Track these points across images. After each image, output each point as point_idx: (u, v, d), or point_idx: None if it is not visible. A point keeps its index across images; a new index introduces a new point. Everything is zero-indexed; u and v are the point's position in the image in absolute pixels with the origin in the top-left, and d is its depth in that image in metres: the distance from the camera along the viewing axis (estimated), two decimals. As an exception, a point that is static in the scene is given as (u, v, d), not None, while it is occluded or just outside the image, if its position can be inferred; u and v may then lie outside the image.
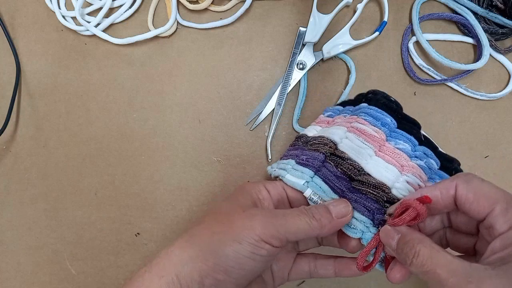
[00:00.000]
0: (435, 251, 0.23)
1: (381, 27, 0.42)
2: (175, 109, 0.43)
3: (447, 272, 0.22)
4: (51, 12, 0.44)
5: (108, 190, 0.43)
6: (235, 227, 0.26)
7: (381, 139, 0.32)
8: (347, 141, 0.32)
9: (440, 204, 0.26)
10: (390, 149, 0.31)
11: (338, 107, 0.39)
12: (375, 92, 0.35)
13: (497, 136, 0.43)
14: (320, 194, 0.30)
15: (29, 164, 0.44)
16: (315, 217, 0.28)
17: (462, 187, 0.25)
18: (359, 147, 0.31)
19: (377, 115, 0.32)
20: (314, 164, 0.31)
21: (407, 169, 0.31)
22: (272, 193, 0.31)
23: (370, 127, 0.32)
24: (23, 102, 0.44)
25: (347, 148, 0.32)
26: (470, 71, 0.42)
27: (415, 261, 0.24)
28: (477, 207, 0.24)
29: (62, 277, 0.42)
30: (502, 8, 0.42)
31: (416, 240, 0.25)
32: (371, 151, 0.31)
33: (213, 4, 0.44)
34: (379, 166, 0.30)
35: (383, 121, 0.32)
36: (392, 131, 0.32)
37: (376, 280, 0.41)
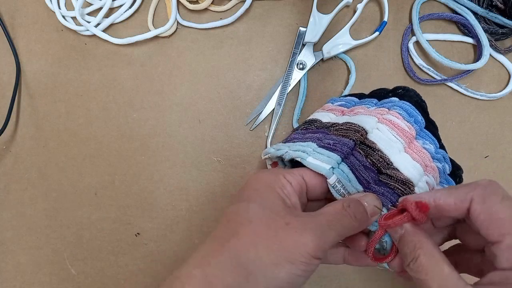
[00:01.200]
0: (433, 260, 0.23)
1: (381, 27, 0.42)
2: (175, 109, 0.43)
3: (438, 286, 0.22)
4: (51, 12, 0.44)
5: (108, 190, 0.43)
6: (286, 246, 0.23)
7: (412, 136, 0.31)
8: (377, 132, 0.31)
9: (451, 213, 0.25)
10: (418, 148, 0.31)
11: (352, 98, 0.38)
12: (407, 88, 0.34)
13: (497, 136, 0.43)
14: (345, 183, 0.28)
15: (29, 164, 0.43)
16: (357, 217, 0.26)
17: (477, 204, 0.23)
18: (390, 140, 0.30)
19: (411, 111, 0.32)
20: (343, 150, 0.29)
21: (429, 170, 0.30)
22: (294, 185, 0.28)
23: (403, 122, 0.31)
24: (23, 102, 0.44)
25: (378, 139, 0.30)
26: (470, 71, 0.42)
27: (412, 265, 0.24)
28: (486, 231, 0.23)
29: (62, 277, 0.42)
30: (502, 8, 0.42)
31: (418, 243, 0.24)
32: (401, 146, 0.30)
33: (213, 4, 0.44)
34: (407, 163, 0.30)
35: (416, 118, 0.32)
36: (421, 130, 0.32)
37: (376, 281, 0.41)
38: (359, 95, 0.38)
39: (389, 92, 0.35)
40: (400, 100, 0.33)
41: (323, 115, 0.37)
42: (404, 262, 0.24)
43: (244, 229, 0.24)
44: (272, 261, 0.23)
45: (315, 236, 0.24)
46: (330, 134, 0.32)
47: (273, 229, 0.24)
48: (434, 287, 0.22)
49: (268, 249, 0.23)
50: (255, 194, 0.27)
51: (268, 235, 0.24)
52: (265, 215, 0.25)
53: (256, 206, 0.26)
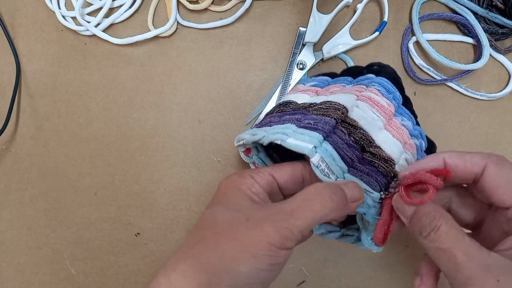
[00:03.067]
0: (455, 230, 0.23)
1: (381, 27, 0.42)
2: (175, 109, 0.43)
3: (465, 255, 0.22)
4: (51, 12, 0.44)
5: (108, 190, 0.43)
6: (246, 241, 0.23)
7: (391, 113, 0.30)
8: (358, 109, 0.30)
9: (459, 176, 0.24)
10: (397, 124, 0.30)
11: (324, 78, 0.37)
12: (382, 64, 0.33)
13: (497, 136, 0.43)
14: (329, 161, 0.27)
15: (29, 164, 0.43)
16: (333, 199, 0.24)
17: (492, 169, 0.23)
18: (371, 118, 0.29)
19: (390, 88, 0.31)
20: (325, 129, 0.28)
21: (408, 147, 0.30)
22: (263, 184, 0.28)
23: (382, 99, 0.30)
24: (23, 102, 0.44)
25: (359, 117, 0.29)
26: (470, 71, 0.42)
27: (432, 235, 0.23)
28: (503, 196, 0.23)
29: (62, 277, 0.42)
30: (502, 8, 0.42)
31: (438, 214, 0.23)
32: (381, 124, 0.30)
33: (213, 4, 0.44)
34: (388, 140, 0.29)
35: (394, 94, 0.31)
36: (399, 107, 0.31)
37: (376, 281, 0.41)
38: (331, 74, 0.37)
39: (364, 69, 0.34)
40: (377, 76, 0.32)
41: (297, 96, 0.35)
42: (421, 233, 0.24)
43: (208, 232, 0.25)
44: (234, 258, 0.23)
45: (275, 226, 0.23)
46: (309, 114, 0.30)
47: (235, 227, 0.24)
48: (459, 255, 0.22)
49: (230, 247, 0.23)
50: (223, 197, 0.27)
51: (230, 234, 0.24)
52: (228, 215, 0.25)
53: (221, 208, 0.26)
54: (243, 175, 0.28)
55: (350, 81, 0.34)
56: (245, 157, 0.35)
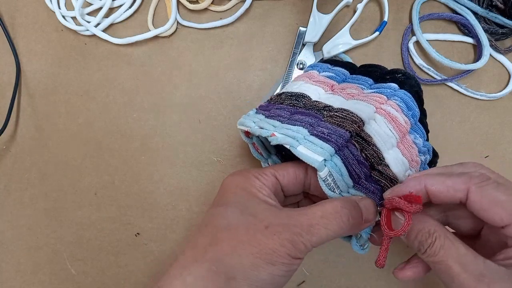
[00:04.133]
0: (449, 242, 0.23)
1: (381, 27, 0.42)
2: (175, 109, 0.43)
3: (459, 266, 0.22)
4: (51, 12, 0.44)
5: (108, 190, 0.43)
6: (264, 248, 0.24)
7: (406, 131, 0.30)
8: (374, 124, 0.29)
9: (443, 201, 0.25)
10: (409, 142, 0.30)
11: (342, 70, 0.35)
12: (407, 75, 0.32)
13: (497, 136, 0.43)
14: (336, 177, 0.26)
15: (29, 164, 0.43)
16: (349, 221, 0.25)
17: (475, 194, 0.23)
18: (386, 135, 0.29)
19: (411, 104, 0.30)
20: (338, 142, 0.27)
21: (413, 164, 0.30)
22: (269, 186, 0.28)
23: (401, 116, 0.29)
24: (23, 102, 0.44)
25: (374, 132, 0.28)
26: (470, 71, 0.42)
27: (429, 251, 0.23)
28: (493, 217, 0.23)
29: (62, 277, 0.42)
30: (502, 8, 0.42)
31: (431, 229, 0.24)
32: (394, 141, 0.29)
33: (213, 4, 0.44)
34: (397, 159, 0.29)
35: (413, 112, 0.30)
36: (415, 124, 0.31)
37: (377, 280, 0.41)
38: (349, 66, 0.35)
39: (387, 74, 0.33)
40: (400, 88, 0.31)
41: (310, 88, 0.33)
42: (420, 250, 0.24)
43: (223, 235, 0.25)
44: (253, 264, 0.23)
45: (294, 239, 0.24)
46: (323, 120, 0.29)
47: (252, 233, 0.24)
48: (455, 267, 0.22)
49: (248, 252, 0.24)
50: (233, 198, 0.27)
51: (248, 240, 0.24)
52: (244, 220, 0.25)
53: (235, 211, 0.26)
54: (247, 176, 0.28)
55: (370, 85, 0.32)
56: (245, 138, 0.34)
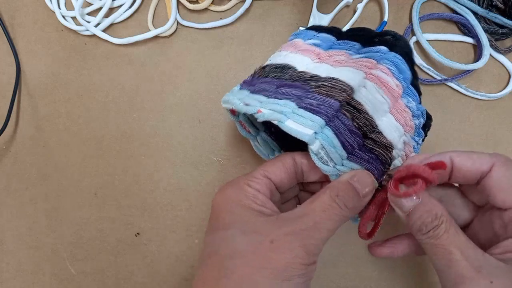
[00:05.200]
0: (453, 228, 0.23)
1: (381, 27, 0.42)
2: (175, 109, 0.43)
3: (460, 253, 0.22)
4: (51, 12, 0.44)
5: (108, 190, 0.43)
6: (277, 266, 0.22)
7: (398, 95, 0.28)
8: (365, 90, 0.27)
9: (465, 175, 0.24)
10: (402, 107, 0.28)
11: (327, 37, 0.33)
12: (397, 36, 0.30)
13: (497, 136, 0.43)
14: (329, 149, 0.25)
15: (29, 164, 0.43)
16: (348, 206, 0.24)
17: (500, 169, 0.23)
18: (378, 101, 0.27)
19: (402, 67, 0.29)
20: (328, 113, 0.25)
21: (408, 129, 0.29)
22: (263, 191, 0.26)
23: (392, 79, 0.28)
24: (23, 102, 0.44)
25: (365, 99, 0.27)
26: (470, 71, 0.42)
27: (432, 232, 0.23)
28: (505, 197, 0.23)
29: (62, 277, 0.42)
30: (502, 8, 0.42)
31: (440, 212, 0.23)
32: (386, 107, 0.28)
33: (213, 4, 0.44)
34: (390, 125, 0.28)
35: (405, 74, 0.29)
36: (407, 87, 0.29)
37: (377, 281, 0.41)
38: (335, 31, 0.33)
39: (375, 37, 0.31)
40: (390, 51, 0.29)
41: (296, 58, 0.31)
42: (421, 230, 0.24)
43: (233, 263, 0.23)
44: (270, 286, 0.22)
45: (304, 244, 0.23)
46: (311, 91, 0.27)
47: (261, 254, 0.23)
48: (456, 253, 0.22)
49: (262, 277, 0.22)
50: (231, 217, 0.25)
51: (258, 263, 0.23)
52: (248, 240, 0.24)
53: (236, 232, 0.24)
54: (238, 185, 0.26)
55: (357, 49, 0.31)
56: (231, 117, 0.32)
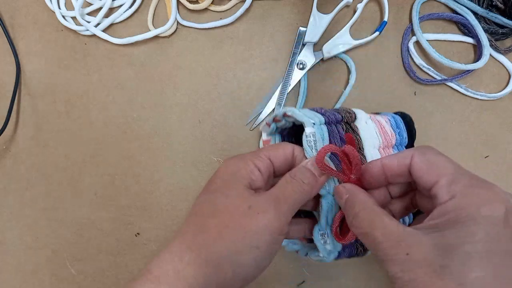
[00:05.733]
0: (373, 214, 0.24)
1: (381, 27, 0.42)
2: (175, 109, 0.43)
3: (382, 234, 0.22)
4: (51, 12, 0.44)
5: (108, 190, 0.43)
6: (250, 231, 0.24)
7: (390, 142, 0.33)
8: (364, 124, 0.33)
9: (395, 171, 0.26)
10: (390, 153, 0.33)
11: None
12: (404, 112, 0.36)
13: (497, 136, 0.43)
14: (318, 138, 0.29)
15: (29, 164, 0.43)
16: (305, 182, 0.27)
17: (417, 157, 0.25)
18: (372, 135, 0.32)
19: (399, 124, 0.34)
20: (329, 118, 0.31)
21: None
22: (263, 170, 0.29)
23: (389, 127, 0.34)
24: (23, 102, 0.44)
25: (362, 128, 0.32)
26: (470, 71, 0.42)
27: (354, 221, 0.24)
28: (426, 177, 0.24)
29: (62, 277, 0.42)
30: (502, 8, 0.42)
31: (357, 201, 0.25)
32: (377, 144, 0.32)
33: (213, 4, 0.44)
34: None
35: (401, 131, 0.34)
36: (401, 144, 0.34)
37: (377, 280, 0.41)
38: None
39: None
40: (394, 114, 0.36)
41: None
42: (348, 222, 0.25)
43: (210, 222, 0.25)
44: (238, 250, 0.24)
45: (275, 215, 0.25)
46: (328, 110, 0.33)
47: (237, 217, 0.25)
48: (378, 235, 0.22)
49: (233, 238, 0.24)
50: (221, 184, 0.28)
51: (233, 224, 0.25)
52: (229, 203, 0.26)
53: (221, 196, 0.27)
54: (243, 159, 0.29)
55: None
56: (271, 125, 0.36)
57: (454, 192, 0.22)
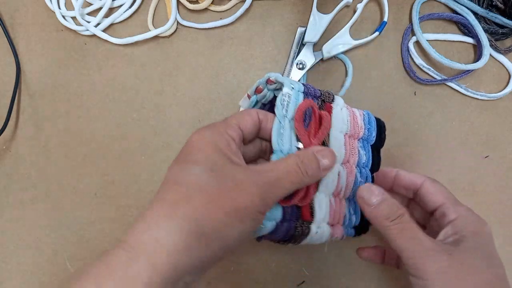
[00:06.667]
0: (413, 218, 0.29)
1: (381, 27, 0.42)
2: (175, 109, 0.43)
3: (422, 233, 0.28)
4: (51, 12, 0.44)
5: (108, 190, 0.43)
6: (237, 206, 0.24)
7: (357, 133, 0.33)
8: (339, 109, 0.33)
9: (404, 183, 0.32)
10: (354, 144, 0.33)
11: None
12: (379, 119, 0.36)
13: (497, 136, 0.43)
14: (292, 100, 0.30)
15: (29, 164, 0.43)
16: (308, 173, 0.27)
17: (429, 182, 0.31)
18: (342, 120, 0.32)
19: (372, 122, 0.35)
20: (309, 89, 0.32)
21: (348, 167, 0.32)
22: (237, 140, 0.29)
23: (361, 119, 0.34)
24: (23, 102, 0.44)
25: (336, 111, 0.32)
26: (470, 71, 0.42)
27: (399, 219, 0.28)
28: (435, 198, 0.31)
29: (62, 277, 0.42)
30: (502, 8, 0.42)
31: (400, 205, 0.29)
32: (345, 129, 0.32)
33: (213, 4, 0.44)
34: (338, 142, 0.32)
35: (371, 128, 0.34)
36: (367, 142, 0.34)
37: (377, 281, 0.41)
38: None
39: None
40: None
41: None
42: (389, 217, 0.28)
43: (195, 193, 0.25)
44: (224, 222, 0.24)
45: (263, 194, 0.25)
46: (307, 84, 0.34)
47: (224, 192, 0.25)
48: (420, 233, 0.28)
49: (219, 211, 0.24)
50: (202, 155, 0.27)
51: (219, 198, 0.25)
52: (214, 178, 0.25)
53: (205, 169, 0.26)
54: (216, 130, 0.28)
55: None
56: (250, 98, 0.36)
57: (459, 213, 0.29)
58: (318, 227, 0.30)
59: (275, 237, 0.29)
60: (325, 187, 0.30)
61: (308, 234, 0.30)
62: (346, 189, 0.32)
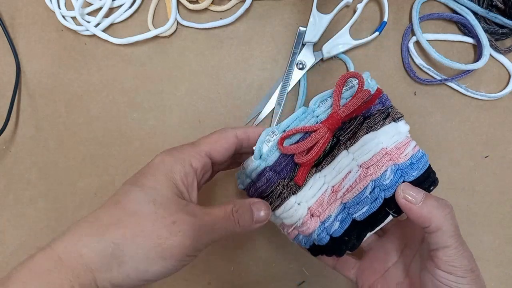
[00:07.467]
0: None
1: (381, 27, 0.42)
2: (175, 109, 0.43)
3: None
4: (51, 12, 0.44)
5: (108, 190, 0.43)
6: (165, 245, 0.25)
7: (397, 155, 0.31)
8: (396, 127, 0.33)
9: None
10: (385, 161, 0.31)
11: None
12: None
13: (497, 136, 0.43)
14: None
15: (29, 164, 0.43)
16: (240, 224, 0.28)
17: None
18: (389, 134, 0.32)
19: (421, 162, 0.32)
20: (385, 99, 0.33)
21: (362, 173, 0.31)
22: (198, 169, 0.29)
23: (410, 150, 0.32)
24: (23, 102, 0.44)
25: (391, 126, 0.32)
26: (470, 71, 0.42)
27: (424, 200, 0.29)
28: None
29: (62, 277, 0.42)
30: (502, 8, 0.42)
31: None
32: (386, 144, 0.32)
33: (213, 4, 0.44)
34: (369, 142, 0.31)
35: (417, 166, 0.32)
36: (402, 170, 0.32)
37: (376, 280, 0.41)
38: None
39: None
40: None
41: None
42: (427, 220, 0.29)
43: (127, 219, 0.25)
44: (147, 256, 0.24)
45: (196, 236, 0.26)
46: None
47: (158, 227, 0.25)
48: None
49: (145, 244, 0.24)
50: (152, 182, 0.27)
51: (151, 232, 0.25)
52: (154, 211, 0.25)
53: (148, 197, 0.26)
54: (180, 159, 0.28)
55: None
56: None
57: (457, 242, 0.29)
58: (297, 203, 0.30)
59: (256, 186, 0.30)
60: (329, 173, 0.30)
61: (285, 200, 0.30)
62: (347, 191, 0.30)
